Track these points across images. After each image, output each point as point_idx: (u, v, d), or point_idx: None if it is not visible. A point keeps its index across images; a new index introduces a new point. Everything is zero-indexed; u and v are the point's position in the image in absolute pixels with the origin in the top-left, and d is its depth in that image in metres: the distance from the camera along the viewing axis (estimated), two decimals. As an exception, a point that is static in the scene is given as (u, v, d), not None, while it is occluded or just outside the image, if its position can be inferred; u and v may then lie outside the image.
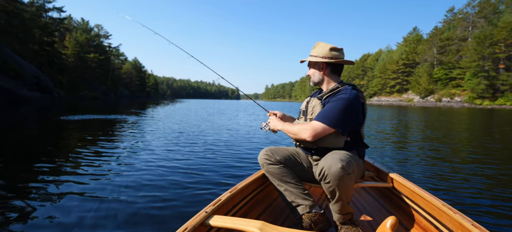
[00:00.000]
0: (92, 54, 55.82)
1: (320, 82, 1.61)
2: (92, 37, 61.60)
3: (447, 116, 16.31)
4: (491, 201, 2.30)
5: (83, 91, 47.08)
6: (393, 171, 1.83)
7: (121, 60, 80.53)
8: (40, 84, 26.96)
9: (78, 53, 49.81)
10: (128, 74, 79.15)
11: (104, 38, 67.68)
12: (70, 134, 6.22)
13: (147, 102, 38.89)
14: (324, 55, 1.55)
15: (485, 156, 4.27)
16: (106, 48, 67.35)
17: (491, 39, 41.46)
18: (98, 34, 65.45)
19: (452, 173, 3.23)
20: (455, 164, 3.68)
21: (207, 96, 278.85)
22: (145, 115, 12.31)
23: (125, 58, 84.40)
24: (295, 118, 1.82)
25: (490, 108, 35.56)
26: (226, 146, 4.78)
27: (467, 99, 44.22)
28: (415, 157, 4.24)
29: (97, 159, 3.65)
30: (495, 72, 41.61)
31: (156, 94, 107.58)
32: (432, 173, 3.23)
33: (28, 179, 2.76)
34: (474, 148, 5.12)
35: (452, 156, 4.28)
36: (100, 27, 67.34)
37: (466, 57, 47.18)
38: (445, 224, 1.26)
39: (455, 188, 2.66)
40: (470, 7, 55.25)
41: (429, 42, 58.18)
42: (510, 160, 3.88)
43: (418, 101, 54.11)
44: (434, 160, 3.93)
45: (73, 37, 51.53)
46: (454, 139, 6.35)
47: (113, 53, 72.79)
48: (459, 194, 2.52)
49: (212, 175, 2.97)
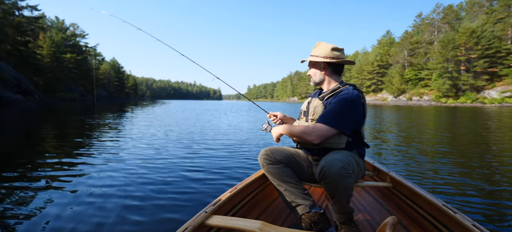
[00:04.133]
0: (69, 54, 53.65)
1: (321, 82, 1.60)
2: (68, 37, 59.07)
3: (423, 114, 17.21)
4: (491, 201, 2.28)
5: (60, 92, 45.28)
6: (393, 171, 1.85)
7: (98, 60, 77.73)
8: (20, 86, 25.96)
9: (54, 53, 47.70)
10: (106, 75, 76.62)
11: (80, 37, 65.06)
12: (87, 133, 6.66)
13: (126, 103, 37.36)
14: (325, 55, 1.54)
15: (485, 156, 4.22)
16: (82, 48, 64.86)
17: (453, 43, 45.69)
18: (74, 33, 62.79)
19: (452, 173, 3.19)
20: (455, 164, 3.65)
21: (188, 96, 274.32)
22: (136, 117, 12.41)
23: (103, 58, 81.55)
24: (295, 119, 1.82)
25: (454, 106, 38.75)
26: (225, 146, 4.76)
27: (434, 98, 48.25)
28: (410, 156, 4.20)
29: (96, 158, 3.69)
30: (457, 73, 45.90)
31: (135, 95, 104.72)
32: (431, 172, 3.23)
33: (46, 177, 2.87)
34: (473, 148, 5.07)
35: (452, 156, 4.22)
36: (76, 26, 64.69)
37: (433, 59, 51.44)
38: (445, 224, 1.25)
39: (455, 188, 2.64)
40: (435, 13, 60.26)
41: (401, 45, 62.32)
42: (510, 160, 3.88)
43: (391, 100, 57.81)
44: (433, 159, 3.90)
45: (48, 37, 49.26)
46: (448, 138, 6.35)
47: (90, 53, 70.17)
48: (459, 194, 2.49)
49: (212, 175, 2.96)
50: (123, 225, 1.79)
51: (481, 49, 42.81)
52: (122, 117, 11.70)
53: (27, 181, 2.72)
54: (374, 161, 2.16)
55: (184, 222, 1.13)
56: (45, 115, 12.53)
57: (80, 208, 2.05)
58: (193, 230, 1.10)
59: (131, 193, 2.37)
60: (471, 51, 44.08)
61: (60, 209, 2.03)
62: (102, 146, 4.59)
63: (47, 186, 2.57)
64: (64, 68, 50.92)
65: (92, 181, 2.71)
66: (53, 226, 1.79)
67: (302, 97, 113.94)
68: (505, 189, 2.62)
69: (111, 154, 4.03)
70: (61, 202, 2.17)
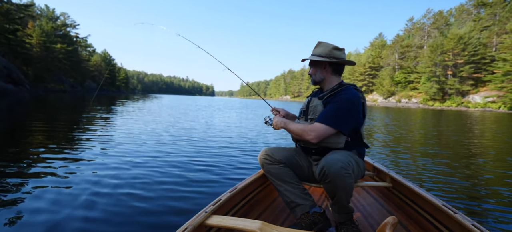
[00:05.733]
0: (59, 44, 52.44)
1: (321, 82, 1.60)
2: (59, 26, 57.65)
3: (413, 115, 17.79)
4: (491, 201, 2.27)
5: (50, 83, 44.36)
6: (393, 171, 1.84)
7: (89, 52, 76.20)
8: (11, 76, 25.37)
9: (44, 42, 46.55)
10: (97, 67, 75.22)
11: (71, 27, 63.55)
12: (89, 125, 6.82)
13: (117, 96, 36.04)
14: (327, 54, 1.54)
15: (484, 155, 4.26)
16: (73, 38, 63.45)
17: (442, 48, 47.23)
18: (65, 23, 61.28)
19: (451, 173, 3.19)
20: (454, 164, 3.67)
21: (180, 92, 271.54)
22: (141, 113, 12.31)
23: (94, 50, 79.95)
24: (297, 118, 1.80)
25: (440, 109, 39.97)
26: (225, 146, 4.76)
27: (422, 100, 49.83)
28: (410, 156, 4.25)
29: (94, 156, 3.64)
30: (444, 78, 47.54)
31: (127, 89, 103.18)
32: (430, 172, 3.23)
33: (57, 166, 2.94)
34: (471, 147, 5.03)
35: (451, 155, 4.25)
36: (67, 16, 63.07)
37: (422, 63, 52.95)
38: (445, 224, 1.26)
39: (455, 188, 2.64)
40: (426, 18, 62.01)
41: (392, 48, 63.84)
42: (510, 160, 3.90)
43: (381, 101, 59.24)
44: (433, 160, 3.91)
45: (38, 25, 47.99)
46: (444, 140, 6.40)
47: (81, 44, 68.71)
48: (459, 194, 2.49)
49: (212, 175, 2.95)
50: (123, 225, 1.79)
51: (468, 55, 44.48)
52: (114, 111, 11.38)
53: (14, 176, 2.66)
54: (374, 161, 2.16)
55: (184, 222, 1.13)
56: (42, 106, 12.40)
57: (80, 208, 2.02)
58: (193, 230, 1.10)
59: (130, 193, 2.34)
60: (458, 56, 45.70)
61: (58, 210, 1.98)
62: (100, 143, 4.52)
63: (41, 185, 2.45)
64: (54, 58, 49.81)
65: (91, 179, 2.66)
66: (50, 223, 1.76)
67: (295, 95, 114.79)
68: (506, 189, 2.60)
69: (110, 153, 3.93)
70: (60, 202, 2.10)
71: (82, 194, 2.27)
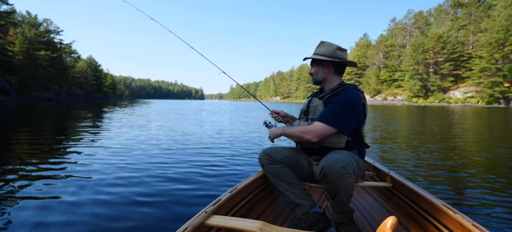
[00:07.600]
0: (43, 51, 51.09)
1: (322, 81, 1.60)
2: (42, 33, 56.09)
3: (400, 113, 17.88)
4: (491, 201, 2.29)
5: (35, 91, 43.18)
6: (393, 171, 1.84)
7: (73, 58, 74.35)
8: (-2, 86, 24.62)
9: (27, 50, 45.28)
10: (83, 73, 73.49)
11: (54, 33, 61.89)
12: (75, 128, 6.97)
13: (105, 103, 34.37)
14: (330, 54, 1.54)
15: (483, 155, 4.29)
16: (57, 44, 61.84)
17: (423, 47, 49.38)
18: (48, 30, 59.62)
19: (451, 173, 3.19)
20: (454, 164, 3.67)
21: (169, 96, 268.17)
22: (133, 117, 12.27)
23: (79, 56, 78.05)
24: (297, 118, 1.79)
25: (423, 105, 41.84)
26: (225, 146, 4.77)
27: (406, 97, 51.80)
28: (409, 157, 4.14)
29: (95, 157, 3.71)
30: (426, 75, 49.67)
31: (114, 94, 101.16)
32: (430, 172, 3.22)
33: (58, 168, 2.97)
34: (470, 147, 5.04)
35: (451, 156, 4.26)
36: (49, 22, 61.40)
37: (405, 61, 55.12)
38: (445, 224, 1.26)
39: (455, 188, 2.64)
40: (407, 19, 64.57)
41: (376, 47, 65.93)
42: (509, 160, 3.94)
43: (368, 100, 60.86)
44: (433, 160, 3.90)
45: (20, 32, 46.61)
46: (444, 137, 6.36)
47: (65, 51, 67.00)
48: (459, 194, 2.49)
49: (212, 175, 2.96)
50: (123, 225, 1.80)
51: (447, 53, 46.74)
52: (106, 118, 11.06)
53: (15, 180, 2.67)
54: (374, 161, 2.17)
55: (184, 222, 1.13)
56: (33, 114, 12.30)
57: (80, 208, 2.06)
58: (193, 230, 1.10)
59: (130, 193, 2.37)
60: (439, 54, 47.94)
61: (57, 210, 2.00)
62: (99, 146, 4.56)
63: (39, 189, 2.45)
64: (38, 65, 48.48)
65: (91, 179, 2.71)
66: (50, 225, 1.78)
67: (285, 96, 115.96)
68: (505, 189, 2.63)
69: (110, 153, 4.01)
70: (58, 204, 2.11)
71: (82, 194, 2.32)
